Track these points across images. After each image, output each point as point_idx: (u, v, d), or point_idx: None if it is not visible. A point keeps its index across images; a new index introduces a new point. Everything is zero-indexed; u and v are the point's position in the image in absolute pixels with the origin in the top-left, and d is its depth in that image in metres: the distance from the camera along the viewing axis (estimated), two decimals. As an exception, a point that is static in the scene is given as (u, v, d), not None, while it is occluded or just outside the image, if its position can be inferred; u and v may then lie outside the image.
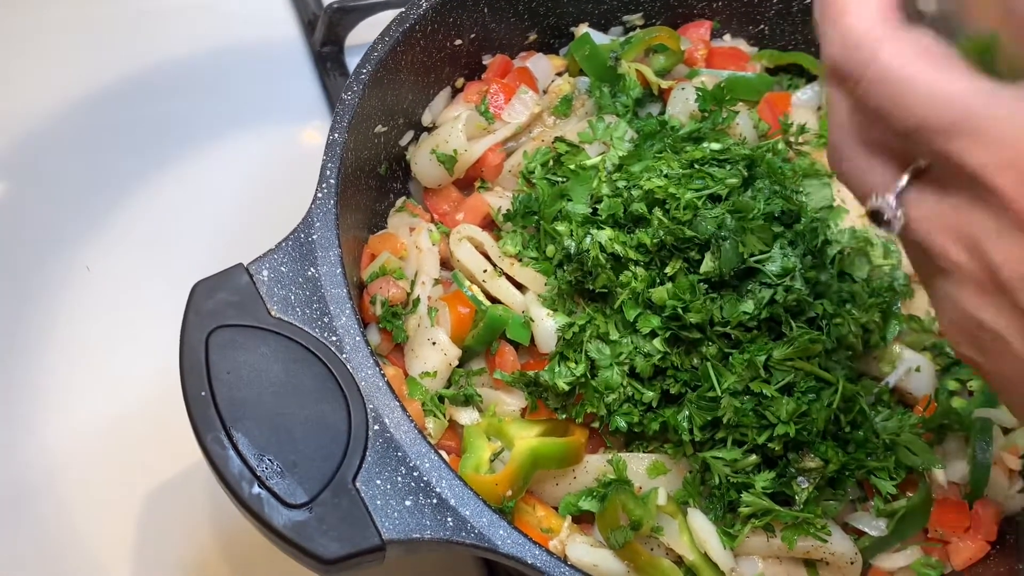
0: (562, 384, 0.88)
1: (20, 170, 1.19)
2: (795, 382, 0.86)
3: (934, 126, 0.49)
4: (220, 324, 0.75)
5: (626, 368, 0.88)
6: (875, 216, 0.55)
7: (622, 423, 0.88)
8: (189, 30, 1.33)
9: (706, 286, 0.87)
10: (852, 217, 1.03)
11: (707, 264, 0.86)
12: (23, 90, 1.25)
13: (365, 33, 1.27)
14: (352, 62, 1.30)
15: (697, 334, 0.87)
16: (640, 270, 0.89)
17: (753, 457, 0.85)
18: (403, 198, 1.07)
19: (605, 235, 0.90)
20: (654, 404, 0.88)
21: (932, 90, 0.49)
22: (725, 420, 0.85)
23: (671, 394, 0.88)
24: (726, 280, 0.87)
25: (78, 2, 1.33)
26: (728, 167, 0.92)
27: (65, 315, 1.10)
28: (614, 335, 0.89)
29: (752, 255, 0.87)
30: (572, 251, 0.92)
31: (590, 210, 0.94)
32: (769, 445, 0.85)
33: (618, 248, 0.89)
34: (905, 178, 0.53)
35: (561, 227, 0.94)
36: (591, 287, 0.90)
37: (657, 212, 0.90)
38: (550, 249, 0.95)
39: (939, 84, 0.49)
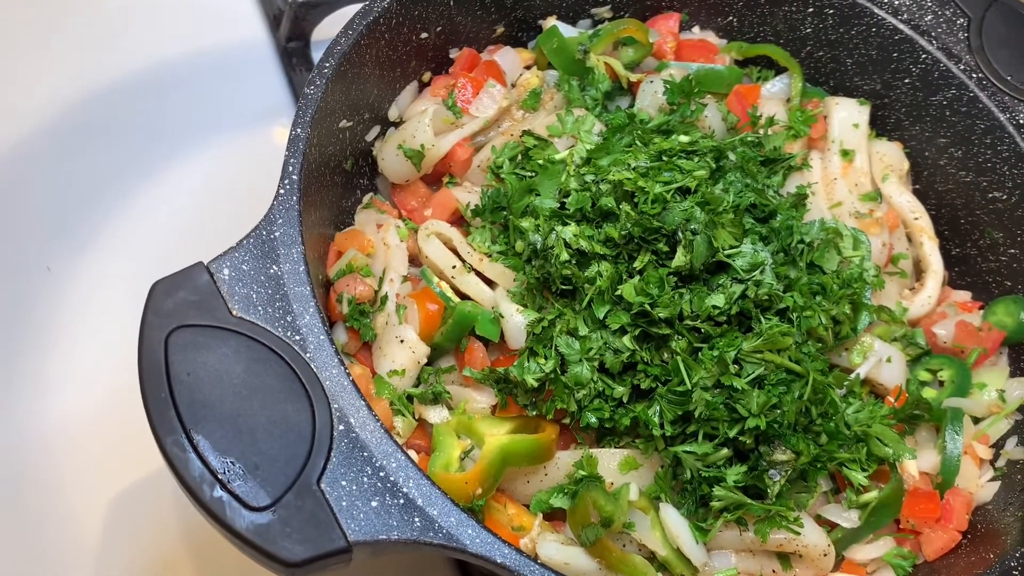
0: (531, 380, 0.87)
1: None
2: (765, 375, 0.85)
3: None
4: (180, 324, 0.74)
5: (596, 363, 0.87)
6: None
7: (593, 419, 0.87)
8: (154, 28, 1.31)
9: (675, 279, 0.87)
10: (821, 208, 1.03)
11: (679, 258, 0.85)
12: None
13: (331, 28, 1.24)
14: (319, 57, 1.28)
15: (667, 329, 0.86)
16: (607, 266, 0.88)
17: (724, 451, 0.85)
18: (370, 194, 1.05)
19: (570, 231, 0.89)
20: (624, 399, 0.87)
21: None
22: (696, 414, 0.84)
23: (642, 389, 0.87)
24: (695, 274, 0.87)
25: (39, 4, 1.30)
26: (696, 159, 0.91)
27: (25, 316, 1.07)
28: (583, 330, 0.88)
29: (722, 249, 0.86)
30: (539, 247, 0.91)
31: (558, 204, 0.93)
32: (740, 438, 0.84)
33: (584, 243, 0.88)
34: None
35: (526, 223, 0.93)
36: (556, 284, 0.90)
37: (625, 206, 0.89)
38: (519, 244, 0.94)
39: None
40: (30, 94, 1.23)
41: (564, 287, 0.90)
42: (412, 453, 0.86)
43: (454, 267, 0.96)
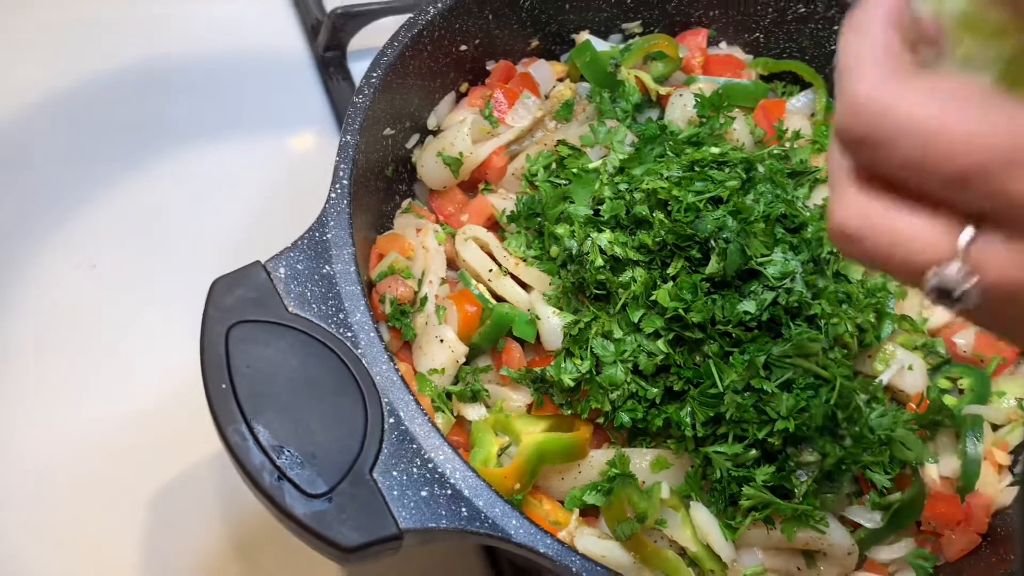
0: (568, 380, 0.90)
1: (21, 167, 1.20)
2: (794, 379, 0.88)
3: (985, 167, 0.42)
4: (239, 320, 0.77)
5: (630, 365, 0.90)
6: (940, 294, 0.46)
7: (626, 419, 0.90)
8: (195, 36, 1.34)
9: (708, 285, 0.90)
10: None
11: (712, 265, 0.89)
12: (19, 89, 1.26)
13: (367, 39, 1.30)
14: (355, 67, 1.33)
15: (699, 333, 0.89)
16: (641, 271, 0.91)
17: (753, 451, 0.88)
18: (409, 199, 1.09)
19: (605, 237, 0.93)
20: (657, 400, 0.90)
21: (970, 130, 0.43)
22: (727, 416, 0.87)
23: (674, 391, 0.90)
24: (728, 281, 0.90)
25: (82, 6, 1.34)
26: (727, 170, 0.95)
27: (70, 314, 1.11)
28: (618, 333, 0.91)
29: (754, 257, 0.89)
30: (574, 252, 0.94)
31: (592, 211, 0.96)
32: (769, 440, 0.87)
33: (618, 250, 0.92)
34: (967, 233, 0.44)
35: (561, 229, 0.96)
36: (591, 289, 0.93)
37: (659, 214, 0.92)
38: (554, 250, 0.97)
39: (976, 122, 0.43)
40: (70, 94, 1.26)
41: (598, 292, 0.93)
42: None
43: (491, 270, 0.99)
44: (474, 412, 0.94)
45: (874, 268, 0.49)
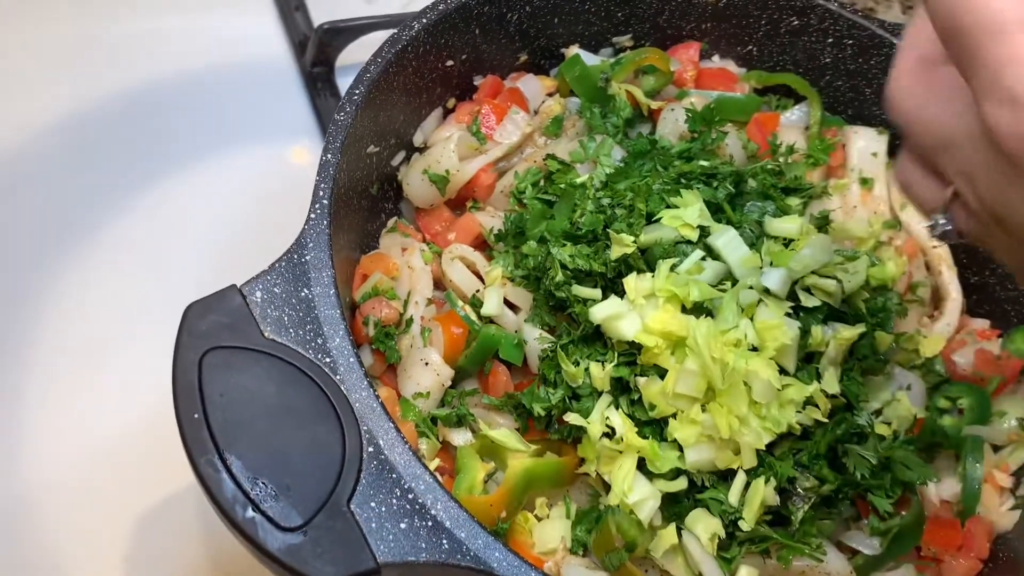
0: (539, 410, 0.88)
1: (8, 188, 1.18)
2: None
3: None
4: (213, 346, 0.75)
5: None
6: (931, 229, 0.65)
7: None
8: (182, 50, 1.33)
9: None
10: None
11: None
12: (13, 107, 1.24)
13: (355, 54, 1.28)
14: (342, 82, 1.31)
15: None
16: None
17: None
18: (395, 218, 1.07)
19: (567, 252, 0.90)
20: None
21: None
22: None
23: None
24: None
25: (70, 22, 1.33)
26: (715, 183, 0.93)
27: (51, 338, 1.08)
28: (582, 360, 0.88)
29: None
30: (533, 265, 0.92)
31: (570, 225, 0.94)
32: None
33: (581, 262, 0.89)
34: (947, 193, 0.62)
35: (527, 248, 0.94)
36: (552, 303, 0.91)
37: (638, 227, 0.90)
38: (525, 265, 0.95)
39: None
40: (54, 112, 1.25)
41: (561, 308, 0.91)
42: (437, 476, 0.87)
43: (478, 291, 0.97)
44: (460, 437, 0.92)
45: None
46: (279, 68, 1.35)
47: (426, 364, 0.92)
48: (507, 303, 0.96)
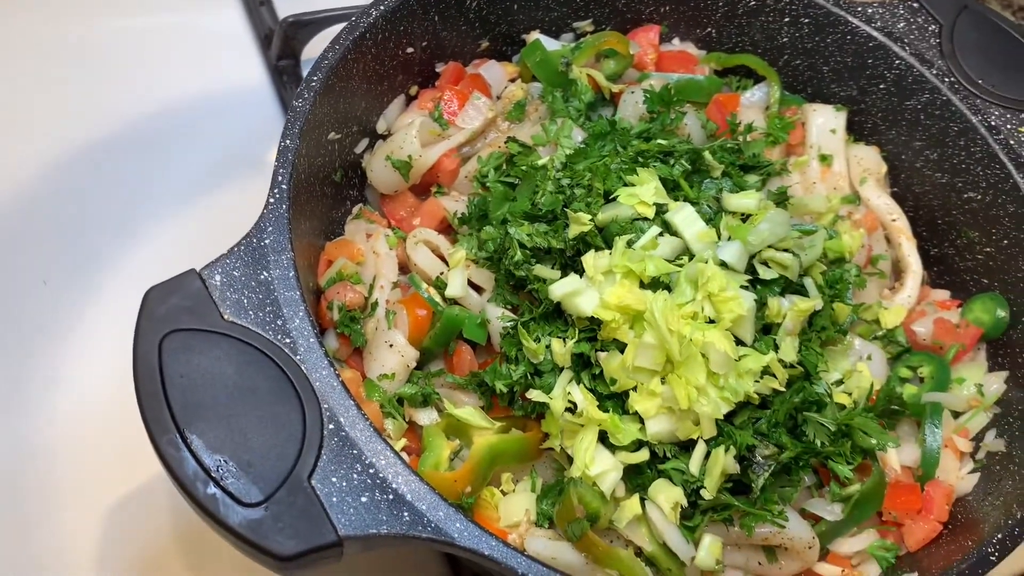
0: (500, 386, 0.89)
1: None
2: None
3: None
4: (173, 328, 0.76)
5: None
6: None
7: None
8: (147, 48, 1.34)
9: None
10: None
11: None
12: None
13: (321, 46, 1.27)
14: (308, 74, 1.32)
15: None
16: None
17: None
18: (359, 205, 1.08)
19: (524, 231, 0.92)
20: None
21: None
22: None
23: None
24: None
25: (35, 22, 1.34)
26: (672, 160, 0.94)
27: (19, 329, 1.09)
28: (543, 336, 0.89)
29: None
30: (493, 248, 0.93)
31: (531, 206, 0.95)
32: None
33: (539, 240, 0.90)
34: None
35: (485, 232, 0.96)
36: (513, 282, 0.92)
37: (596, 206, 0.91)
38: (487, 247, 0.96)
39: None
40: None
41: (521, 287, 0.92)
42: (403, 455, 0.88)
43: (442, 273, 0.98)
44: (425, 416, 0.93)
45: None
46: (246, 63, 1.36)
47: (391, 346, 0.93)
48: (471, 284, 0.97)
